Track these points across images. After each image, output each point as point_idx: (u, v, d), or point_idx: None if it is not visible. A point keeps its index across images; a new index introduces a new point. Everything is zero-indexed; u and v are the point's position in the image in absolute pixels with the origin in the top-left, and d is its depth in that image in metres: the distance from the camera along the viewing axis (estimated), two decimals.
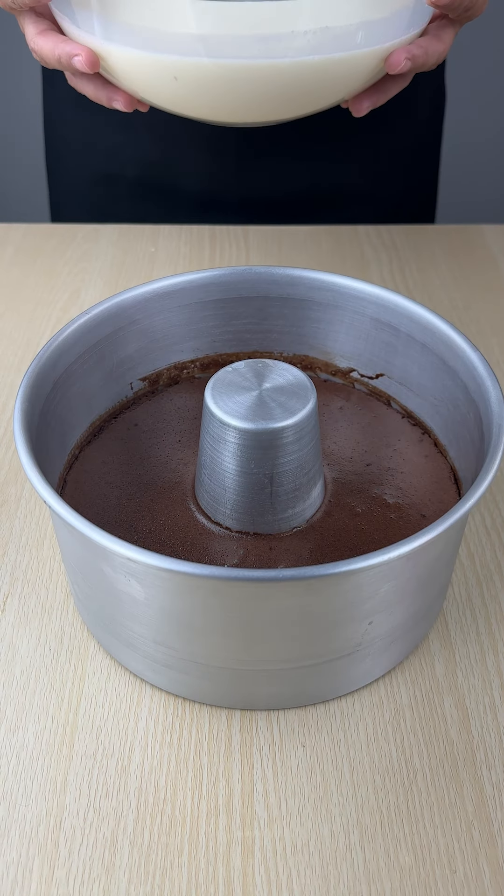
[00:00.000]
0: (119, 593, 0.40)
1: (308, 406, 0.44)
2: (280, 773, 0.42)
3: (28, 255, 0.76)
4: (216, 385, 0.45)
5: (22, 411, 0.43)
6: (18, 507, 0.55)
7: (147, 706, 0.44)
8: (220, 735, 0.43)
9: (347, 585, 0.38)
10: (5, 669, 0.46)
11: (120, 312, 0.51)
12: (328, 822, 0.40)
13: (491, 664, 0.46)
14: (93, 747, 0.43)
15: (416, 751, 0.42)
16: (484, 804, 0.41)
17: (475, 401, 0.46)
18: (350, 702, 0.44)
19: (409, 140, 0.79)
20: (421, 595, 0.42)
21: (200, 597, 0.38)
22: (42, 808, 0.40)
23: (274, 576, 0.35)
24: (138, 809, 0.40)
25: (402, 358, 0.52)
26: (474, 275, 0.75)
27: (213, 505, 0.46)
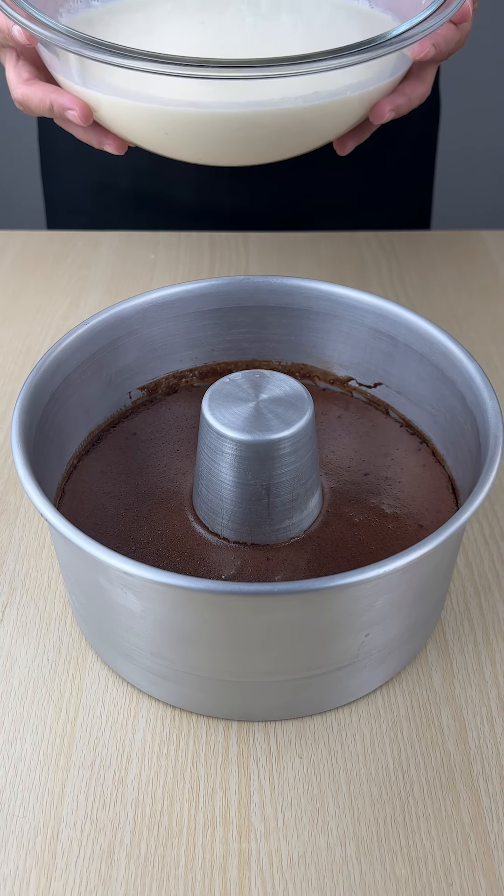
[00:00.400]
0: (116, 606, 0.40)
1: (305, 417, 0.44)
2: (277, 784, 0.42)
3: (28, 262, 0.76)
4: (213, 396, 0.45)
5: (20, 423, 0.43)
6: (17, 516, 0.55)
7: (144, 717, 0.44)
8: (217, 746, 0.43)
9: (343, 598, 0.38)
10: (3, 680, 0.46)
11: (118, 322, 0.51)
12: (325, 834, 0.40)
13: (488, 675, 0.46)
14: (90, 758, 0.43)
15: (413, 762, 0.42)
16: (480, 816, 0.41)
17: (472, 411, 0.46)
18: (347, 713, 0.44)
19: (404, 150, 0.79)
20: (418, 607, 0.42)
21: (197, 610, 0.38)
22: (39, 820, 0.41)
23: (269, 590, 0.35)
24: (135, 821, 0.41)
25: (400, 367, 0.53)
26: (473, 281, 0.75)
27: (210, 515, 0.46)
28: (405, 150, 0.80)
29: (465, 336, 0.69)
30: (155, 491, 0.50)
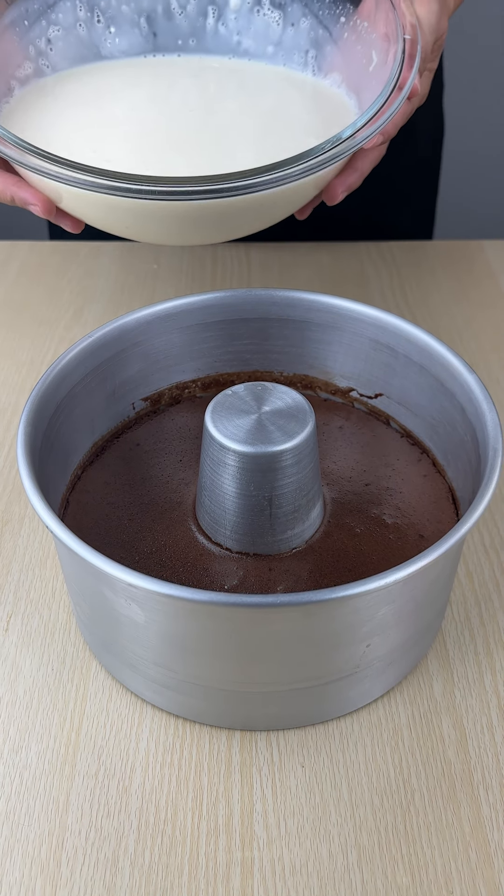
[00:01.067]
0: (120, 616, 0.41)
1: (307, 429, 0.45)
2: (279, 793, 0.42)
3: (32, 272, 0.77)
4: (216, 408, 0.46)
5: (25, 435, 0.44)
6: (22, 525, 0.55)
7: (148, 726, 0.45)
8: (220, 755, 0.43)
9: (345, 610, 0.38)
10: (9, 689, 0.46)
11: (122, 335, 0.52)
12: (327, 843, 0.40)
13: (489, 684, 0.46)
14: (94, 767, 0.43)
15: (414, 771, 0.43)
16: (481, 825, 0.41)
17: (472, 423, 0.47)
18: (349, 722, 0.45)
19: (408, 169, 0.80)
20: (419, 617, 0.43)
21: (200, 621, 0.39)
22: (44, 828, 0.41)
23: (272, 601, 0.36)
24: (139, 830, 0.41)
25: (401, 378, 0.53)
26: (474, 290, 0.76)
27: (213, 526, 0.47)
28: (409, 170, 0.80)
29: (466, 346, 0.69)
30: (158, 501, 0.50)
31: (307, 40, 0.53)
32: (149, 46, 0.54)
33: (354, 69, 0.50)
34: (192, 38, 0.54)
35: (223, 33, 0.54)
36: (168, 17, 0.53)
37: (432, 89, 0.76)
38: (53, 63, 0.53)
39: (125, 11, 0.53)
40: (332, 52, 0.52)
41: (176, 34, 0.54)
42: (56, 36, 0.52)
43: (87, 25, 0.52)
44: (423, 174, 0.83)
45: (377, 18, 0.48)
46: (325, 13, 0.51)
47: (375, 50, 0.48)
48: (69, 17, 0.52)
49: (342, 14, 0.51)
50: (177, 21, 0.53)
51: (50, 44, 0.52)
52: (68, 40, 0.52)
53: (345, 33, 0.51)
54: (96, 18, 0.53)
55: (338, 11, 0.51)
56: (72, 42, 0.53)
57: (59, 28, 0.52)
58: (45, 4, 0.51)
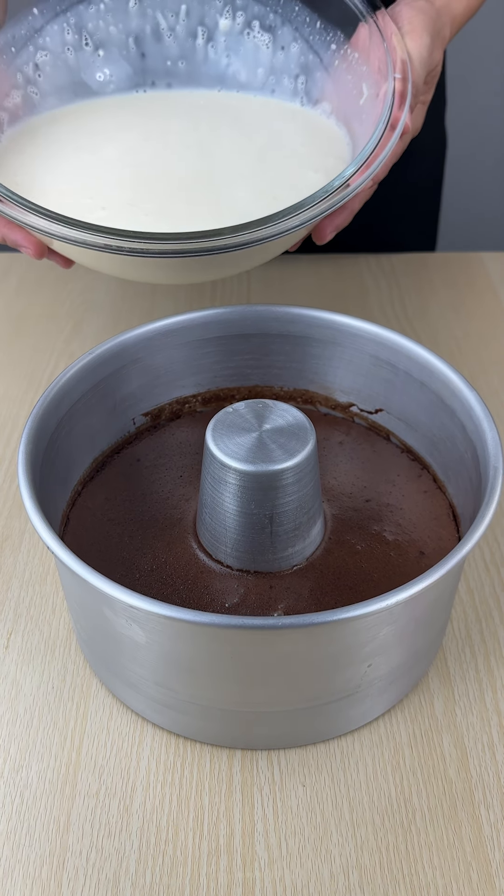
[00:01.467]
0: (120, 636, 0.41)
1: (308, 447, 0.45)
2: (280, 812, 0.42)
3: (31, 286, 0.77)
4: (217, 426, 0.46)
5: (26, 454, 0.44)
6: (22, 541, 0.55)
7: (149, 745, 0.45)
8: (220, 775, 0.43)
9: (347, 631, 0.38)
10: (9, 707, 0.46)
11: (122, 351, 0.52)
12: (328, 863, 0.40)
13: (490, 702, 0.46)
14: (95, 786, 0.43)
15: (415, 790, 0.43)
16: (482, 845, 0.41)
17: (472, 440, 0.47)
18: (350, 741, 0.45)
19: (411, 186, 0.80)
20: (420, 636, 0.43)
21: (201, 642, 0.39)
22: (45, 849, 0.41)
23: (273, 623, 0.36)
24: (140, 850, 0.41)
25: (401, 394, 0.53)
26: (474, 303, 0.76)
27: (214, 543, 0.47)
28: (412, 186, 0.80)
29: (465, 359, 0.69)
30: (159, 518, 0.50)
31: (297, 65, 0.52)
32: (138, 70, 0.53)
33: (345, 99, 0.50)
34: (182, 60, 0.53)
35: (212, 56, 0.53)
36: (157, 39, 0.53)
37: (435, 106, 0.77)
38: (43, 91, 0.52)
39: (113, 33, 0.52)
40: (323, 79, 0.51)
41: (165, 56, 0.53)
42: (44, 61, 0.51)
43: (75, 49, 0.51)
44: (426, 189, 0.83)
45: (370, 51, 0.48)
46: (315, 39, 0.51)
47: (367, 83, 0.48)
48: (57, 42, 0.51)
49: (333, 41, 0.50)
50: (166, 43, 0.52)
51: (38, 70, 0.51)
52: (56, 65, 0.52)
53: (335, 61, 0.51)
54: (84, 41, 0.52)
55: (328, 38, 0.50)
56: (60, 67, 0.52)
57: (47, 53, 0.51)
58: (31, 29, 0.50)
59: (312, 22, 0.51)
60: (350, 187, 0.44)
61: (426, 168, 0.81)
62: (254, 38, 0.52)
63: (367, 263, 0.79)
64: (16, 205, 0.43)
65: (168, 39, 0.52)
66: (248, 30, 0.52)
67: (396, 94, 0.45)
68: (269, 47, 0.52)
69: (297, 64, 0.52)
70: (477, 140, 1.37)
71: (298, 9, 0.51)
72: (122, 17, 0.52)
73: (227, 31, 0.52)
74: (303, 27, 0.51)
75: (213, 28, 0.52)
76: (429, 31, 0.48)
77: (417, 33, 0.48)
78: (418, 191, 0.82)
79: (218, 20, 0.52)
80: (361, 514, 0.50)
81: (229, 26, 0.52)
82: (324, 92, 0.52)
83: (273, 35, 0.52)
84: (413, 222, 0.84)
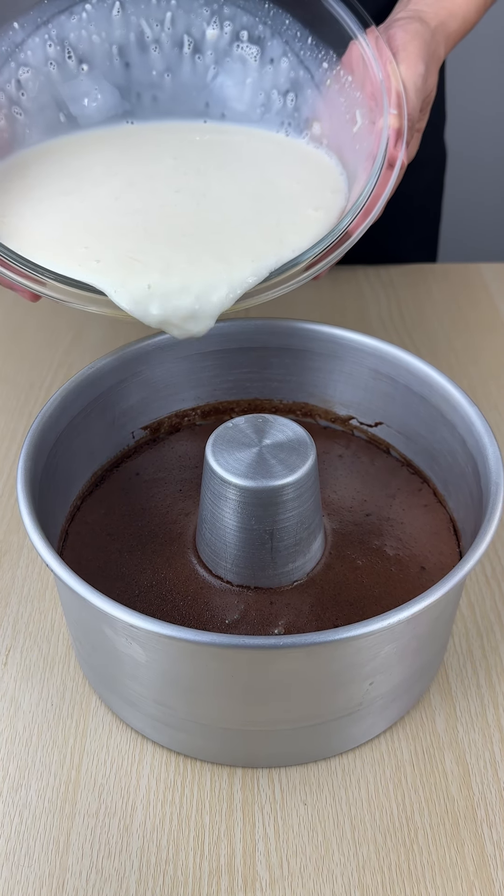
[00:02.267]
0: (120, 654, 0.40)
1: (308, 463, 0.44)
2: (282, 831, 0.42)
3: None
4: (217, 441, 0.45)
5: (25, 469, 0.44)
6: (20, 556, 0.55)
7: (149, 764, 0.44)
8: (221, 793, 0.43)
9: (348, 650, 0.38)
10: (8, 725, 0.46)
11: (122, 365, 0.52)
12: (330, 883, 0.40)
13: (491, 718, 0.46)
14: (95, 806, 0.43)
15: (417, 808, 0.43)
16: (485, 864, 0.41)
17: (473, 455, 0.47)
18: (351, 758, 0.44)
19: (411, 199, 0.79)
20: (422, 653, 0.43)
21: (202, 661, 0.38)
22: (45, 869, 0.41)
23: (274, 643, 0.36)
24: (140, 870, 0.41)
25: (401, 408, 0.53)
26: (473, 314, 0.76)
27: (213, 559, 0.47)
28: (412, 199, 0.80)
29: (465, 371, 0.69)
30: (158, 533, 0.50)
31: (287, 80, 0.51)
32: (122, 82, 0.51)
33: (337, 123, 0.49)
34: (168, 72, 0.52)
35: (200, 68, 0.52)
36: (142, 49, 0.51)
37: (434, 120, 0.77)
38: (27, 109, 0.50)
39: (97, 42, 0.50)
40: (314, 98, 0.50)
41: (150, 66, 0.51)
42: (27, 78, 0.49)
43: (58, 64, 0.50)
44: (427, 203, 0.83)
45: (364, 76, 0.46)
46: (307, 55, 0.50)
47: (361, 110, 0.47)
48: (39, 56, 0.49)
49: (325, 60, 0.49)
50: (151, 55, 0.51)
51: (21, 88, 0.49)
52: (40, 81, 0.50)
53: (327, 80, 0.49)
54: (67, 54, 0.50)
55: (320, 56, 0.49)
56: (44, 84, 0.50)
57: (30, 69, 0.49)
58: (12, 44, 0.48)
59: (304, 37, 0.49)
60: (352, 237, 0.44)
61: (426, 181, 0.81)
62: (242, 49, 0.51)
63: (365, 275, 0.79)
64: (14, 263, 0.42)
65: (153, 51, 0.51)
66: (237, 41, 0.51)
67: (392, 130, 0.44)
68: (256, 60, 0.51)
69: (287, 79, 0.51)
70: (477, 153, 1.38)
71: (289, 22, 0.50)
72: (105, 25, 0.50)
73: (215, 42, 0.51)
74: (293, 41, 0.50)
75: (199, 39, 0.51)
76: (423, 57, 0.47)
77: (412, 61, 0.46)
78: (419, 204, 0.82)
79: (205, 30, 0.51)
80: (362, 529, 0.50)
81: (216, 36, 0.51)
82: (315, 111, 0.50)
83: (262, 47, 0.50)
84: (414, 235, 0.84)
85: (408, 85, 0.46)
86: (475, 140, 1.36)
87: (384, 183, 0.45)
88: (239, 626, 0.44)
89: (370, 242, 0.79)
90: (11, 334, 0.73)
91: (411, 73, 0.46)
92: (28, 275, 0.42)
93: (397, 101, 0.45)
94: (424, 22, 0.49)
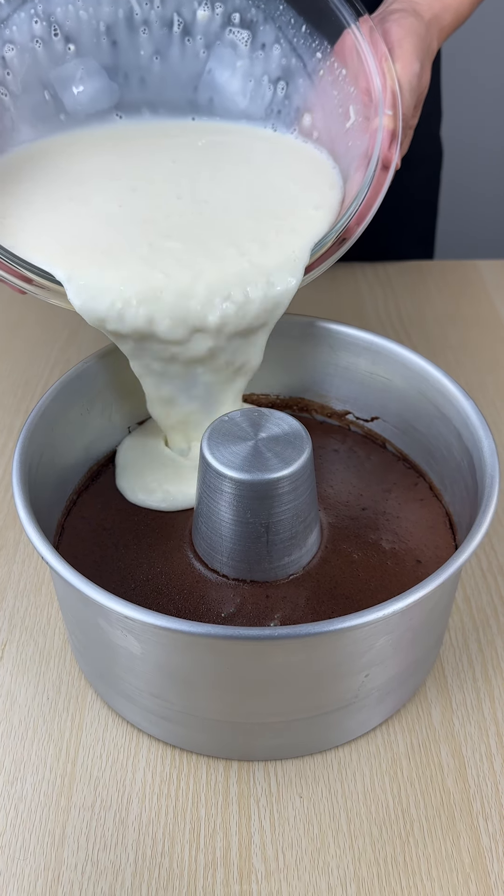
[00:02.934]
0: (116, 647, 0.40)
1: (303, 456, 0.44)
2: (277, 824, 0.42)
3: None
4: (212, 435, 0.45)
5: (20, 463, 0.44)
6: (17, 551, 0.55)
7: (145, 757, 0.44)
8: (217, 786, 0.43)
9: (344, 641, 0.38)
10: (3, 719, 0.46)
11: (117, 361, 0.52)
12: (325, 875, 0.40)
13: (487, 711, 0.46)
14: (91, 799, 0.43)
15: (413, 801, 0.43)
16: (481, 856, 0.41)
17: (469, 448, 0.47)
18: (347, 751, 0.44)
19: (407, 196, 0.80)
20: (417, 645, 0.43)
21: (197, 653, 0.38)
22: (40, 862, 0.41)
23: (270, 634, 0.36)
24: (136, 863, 0.41)
25: (397, 402, 0.53)
26: (469, 311, 0.76)
27: (209, 552, 0.47)
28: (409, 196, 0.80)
29: (461, 367, 0.69)
30: (154, 527, 0.50)
31: (279, 67, 0.50)
32: (110, 63, 0.50)
33: (330, 117, 0.49)
34: (157, 55, 0.50)
35: (189, 51, 0.50)
36: (130, 28, 0.50)
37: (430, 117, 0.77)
38: (12, 92, 0.49)
39: (84, 19, 0.49)
40: (306, 88, 0.50)
41: (138, 47, 0.50)
42: (12, 56, 0.48)
43: (44, 42, 0.48)
44: (423, 200, 0.83)
45: (358, 70, 0.46)
46: (300, 43, 0.49)
47: (354, 106, 0.46)
48: (25, 32, 0.48)
49: (319, 49, 0.48)
50: (140, 37, 0.50)
51: (7, 67, 0.48)
52: (24, 59, 0.48)
53: (321, 70, 0.49)
54: (53, 31, 0.49)
55: (314, 45, 0.49)
56: (29, 63, 0.48)
57: (14, 47, 0.48)
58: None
59: (298, 25, 0.49)
60: (349, 241, 0.44)
61: (423, 178, 0.81)
62: (234, 35, 0.50)
63: (363, 272, 0.80)
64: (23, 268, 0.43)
65: (142, 32, 0.49)
66: (229, 25, 0.50)
67: (386, 131, 0.44)
68: (248, 45, 0.50)
69: (278, 66, 0.50)
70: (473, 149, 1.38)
71: (283, 8, 0.49)
72: (94, 2, 0.49)
73: (206, 24, 0.50)
74: (287, 28, 0.49)
75: (190, 20, 0.50)
76: (418, 55, 0.46)
77: (408, 59, 0.46)
78: (415, 201, 0.82)
79: (196, 10, 0.50)
80: (358, 523, 0.50)
81: (208, 18, 0.50)
82: (306, 102, 0.50)
83: (254, 32, 0.50)
84: (410, 232, 0.84)
85: (403, 84, 0.46)
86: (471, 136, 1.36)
87: (378, 185, 0.45)
88: (235, 619, 0.44)
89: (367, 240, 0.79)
90: (8, 331, 0.73)
91: (406, 72, 0.46)
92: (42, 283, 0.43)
93: (392, 101, 0.45)
94: (419, 15, 0.49)
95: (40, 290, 0.44)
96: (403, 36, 0.47)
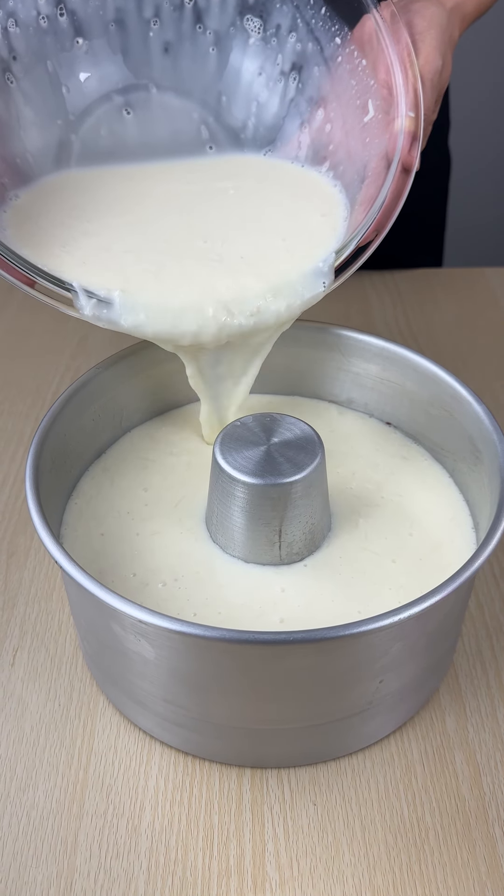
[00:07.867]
0: (128, 652, 0.40)
1: (316, 460, 0.44)
2: (291, 832, 0.41)
3: (37, 301, 0.77)
4: (225, 440, 0.45)
5: (33, 469, 0.44)
6: (28, 558, 0.55)
7: (157, 764, 0.44)
8: (230, 793, 0.43)
9: (358, 646, 0.38)
10: (16, 726, 0.46)
11: (128, 366, 0.52)
12: (340, 884, 0.40)
13: (501, 717, 0.46)
14: (103, 806, 0.42)
15: (428, 808, 0.42)
16: (497, 864, 0.40)
17: (482, 452, 0.47)
18: (361, 759, 0.44)
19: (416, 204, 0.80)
20: (431, 651, 0.42)
21: (212, 657, 0.38)
22: (52, 870, 0.40)
23: (285, 637, 0.35)
24: (149, 871, 0.40)
25: (409, 408, 0.53)
26: (478, 317, 0.76)
27: (225, 542, 0.46)
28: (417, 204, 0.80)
29: (471, 374, 0.69)
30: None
31: (293, 52, 0.48)
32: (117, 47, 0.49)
33: (347, 109, 0.47)
34: (167, 45, 0.49)
35: (201, 39, 0.49)
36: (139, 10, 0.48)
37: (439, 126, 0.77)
38: (18, 77, 0.47)
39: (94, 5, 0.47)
40: (322, 75, 0.47)
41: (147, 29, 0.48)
42: (16, 34, 0.46)
43: (50, 21, 0.47)
44: (432, 208, 0.83)
45: (378, 58, 0.44)
46: (318, 26, 0.47)
47: (374, 101, 0.45)
48: (30, 9, 0.46)
49: (338, 35, 0.46)
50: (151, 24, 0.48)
51: (13, 51, 0.46)
52: (29, 35, 0.47)
53: (339, 57, 0.47)
54: (59, 12, 0.47)
55: (333, 30, 0.46)
56: (34, 41, 0.47)
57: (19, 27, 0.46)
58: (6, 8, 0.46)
59: (317, 6, 0.47)
60: (369, 250, 0.45)
61: (431, 186, 0.81)
62: (248, 19, 0.48)
63: (371, 281, 0.80)
64: None
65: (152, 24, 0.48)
66: (243, 9, 0.48)
67: (407, 133, 0.43)
68: (260, 31, 0.48)
69: (292, 52, 0.48)
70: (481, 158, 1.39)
71: None
72: None
73: (220, 5, 0.48)
74: (305, 9, 0.47)
75: (203, 2, 0.48)
76: (440, 49, 0.45)
77: (430, 54, 0.45)
78: (424, 209, 0.82)
79: None
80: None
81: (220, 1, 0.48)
82: (322, 89, 0.48)
83: (269, 12, 0.48)
84: (419, 240, 0.84)
85: (425, 81, 0.44)
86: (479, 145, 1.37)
87: (400, 189, 0.43)
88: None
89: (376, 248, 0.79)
90: (18, 338, 0.73)
91: (428, 69, 0.45)
92: None
93: (414, 100, 0.43)
94: (441, 4, 0.47)
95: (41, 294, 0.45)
96: (426, 28, 0.46)
